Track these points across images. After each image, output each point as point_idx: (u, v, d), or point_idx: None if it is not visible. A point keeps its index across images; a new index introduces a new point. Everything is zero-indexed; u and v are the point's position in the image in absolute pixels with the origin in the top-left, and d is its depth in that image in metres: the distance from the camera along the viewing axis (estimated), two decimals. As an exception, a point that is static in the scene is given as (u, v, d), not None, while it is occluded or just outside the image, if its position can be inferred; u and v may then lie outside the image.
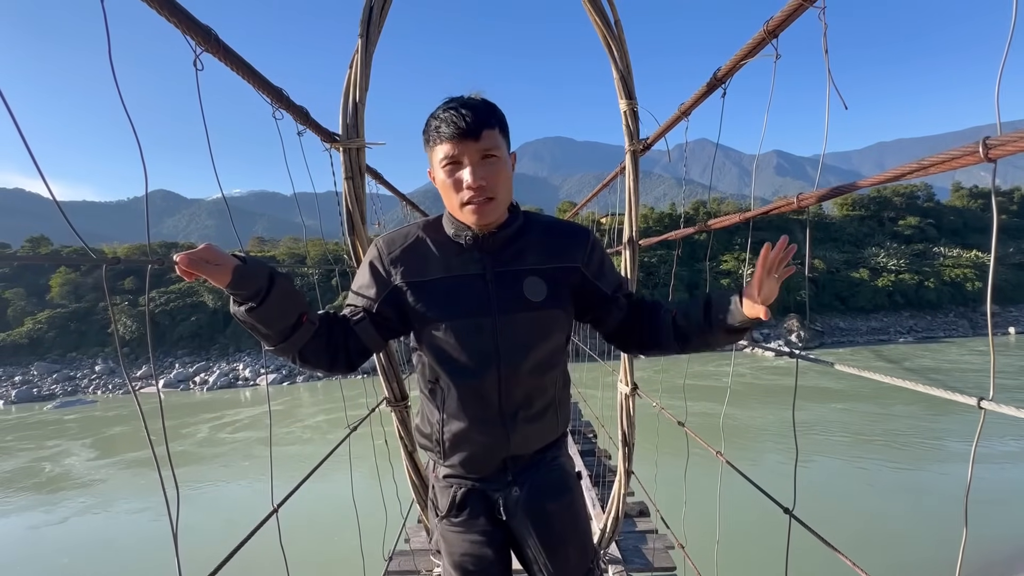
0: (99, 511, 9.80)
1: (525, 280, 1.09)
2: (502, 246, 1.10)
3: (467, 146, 0.99)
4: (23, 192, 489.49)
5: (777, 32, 1.18)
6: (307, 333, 1.00)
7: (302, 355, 1.02)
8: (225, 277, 0.86)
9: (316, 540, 6.13)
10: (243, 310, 0.91)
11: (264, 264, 0.93)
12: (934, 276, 29.97)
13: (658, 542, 2.67)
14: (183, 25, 0.94)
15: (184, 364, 25.55)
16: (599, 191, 3.51)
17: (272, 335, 0.95)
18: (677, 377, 11.38)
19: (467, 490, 1.18)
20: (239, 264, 0.88)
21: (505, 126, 1.06)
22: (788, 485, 1.24)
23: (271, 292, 0.91)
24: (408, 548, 2.58)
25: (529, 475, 1.18)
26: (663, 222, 30.53)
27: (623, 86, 2.07)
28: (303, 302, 0.99)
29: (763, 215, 1.32)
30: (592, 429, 5.56)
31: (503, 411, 1.11)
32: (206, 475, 11.13)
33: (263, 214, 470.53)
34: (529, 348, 1.09)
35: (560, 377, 1.19)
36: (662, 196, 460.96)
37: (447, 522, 1.20)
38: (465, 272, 1.09)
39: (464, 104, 1.01)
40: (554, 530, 1.18)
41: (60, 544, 8.44)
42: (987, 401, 0.66)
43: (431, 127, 1.03)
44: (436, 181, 1.07)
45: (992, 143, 0.65)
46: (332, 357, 1.07)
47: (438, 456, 1.19)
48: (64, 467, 12.79)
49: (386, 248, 1.12)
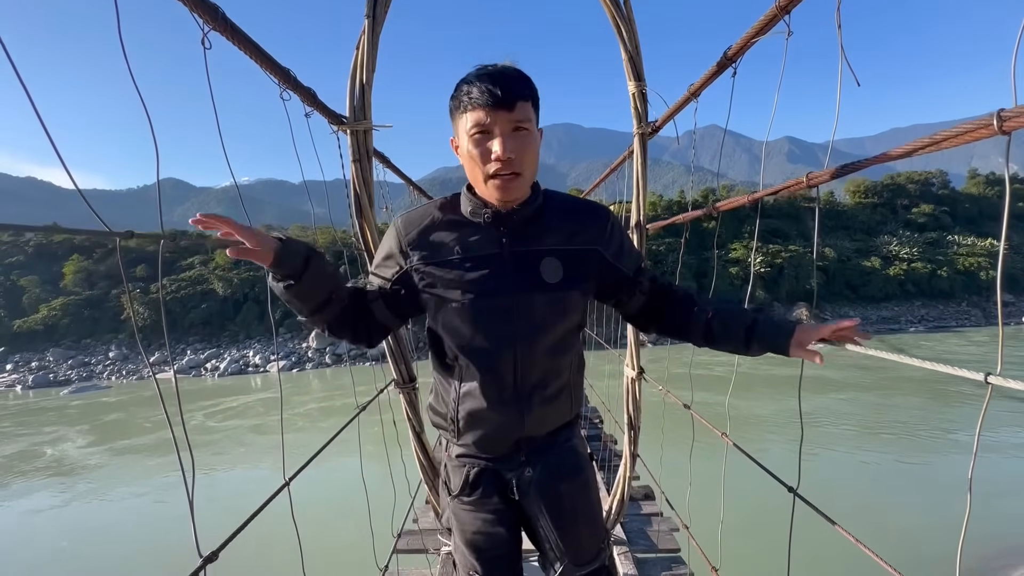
0: (99, 495, 9.96)
1: (543, 260, 1.08)
2: (521, 225, 1.08)
3: (499, 115, 0.96)
4: (35, 180, 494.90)
5: (789, 8, 1.16)
6: (336, 308, 1.06)
7: (330, 327, 1.08)
8: (268, 258, 0.92)
9: (326, 519, 6.24)
10: (281, 287, 0.97)
11: (301, 243, 0.98)
12: (947, 265, 29.57)
13: (663, 524, 2.70)
14: (191, 3, 0.94)
15: (196, 351, 25.91)
16: (607, 175, 3.49)
17: (304, 308, 1.02)
18: (679, 367, 11.37)
19: (480, 469, 1.18)
20: (279, 245, 0.93)
21: (537, 99, 1.03)
22: (791, 470, 1.25)
23: (307, 271, 0.97)
24: (416, 528, 2.63)
25: (542, 456, 1.18)
26: (671, 209, 30.27)
27: (632, 67, 2.04)
28: (336, 279, 1.05)
29: (772, 195, 1.31)
30: (599, 415, 5.59)
31: (518, 391, 1.11)
32: (215, 460, 11.33)
33: (271, 202, 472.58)
34: (545, 329, 1.09)
35: (575, 360, 1.19)
36: (671, 183, 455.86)
37: (459, 501, 1.20)
38: (483, 252, 1.07)
39: (500, 72, 0.98)
40: (566, 510, 1.18)
41: (60, 528, 8.62)
42: (994, 376, 0.66)
43: (462, 92, 0.99)
44: (460, 151, 1.04)
45: (1007, 115, 0.64)
46: (354, 331, 1.12)
47: (452, 435, 1.19)
48: (60, 451, 13.03)
49: (404, 228, 1.11)
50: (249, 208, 1.62)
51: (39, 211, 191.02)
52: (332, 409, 15.15)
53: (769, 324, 1.07)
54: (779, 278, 27.30)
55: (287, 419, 14.13)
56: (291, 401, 16.71)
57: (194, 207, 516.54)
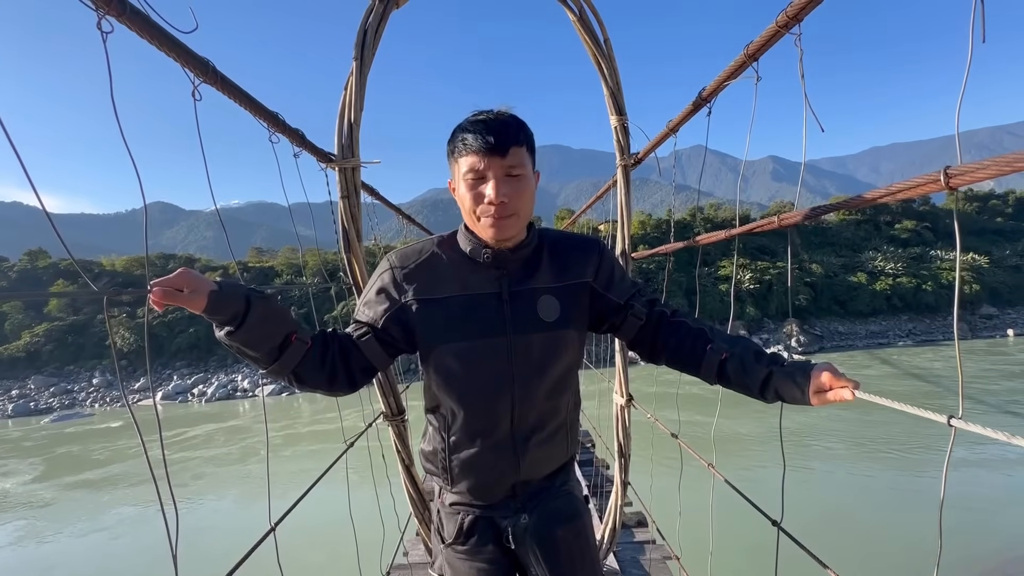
0: (47, 533, 9.41)
1: (540, 299, 1.08)
2: (520, 265, 1.09)
3: (493, 161, 0.98)
4: (20, 205, 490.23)
5: (757, 56, 1.22)
6: (297, 353, 0.98)
7: (297, 376, 1.00)
8: (200, 303, 0.85)
9: (313, 554, 6.09)
10: (223, 334, 0.90)
11: (241, 286, 0.91)
12: (932, 279, 30.08)
13: (655, 552, 2.68)
14: (181, 59, 0.97)
15: (182, 376, 25.45)
16: (592, 203, 3.55)
17: (259, 357, 0.94)
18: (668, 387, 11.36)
19: (475, 517, 1.16)
20: (214, 290, 0.87)
21: (532, 144, 1.05)
22: (778, 495, 1.26)
23: (248, 314, 0.89)
24: (407, 562, 2.58)
25: (538, 501, 1.16)
26: (660, 228, 30.63)
27: (613, 102, 2.11)
28: (290, 321, 0.97)
29: (748, 232, 1.35)
30: (590, 438, 5.56)
31: (514, 435, 1.09)
32: (200, 491, 11.01)
33: (261, 224, 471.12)
34: (544, 369, 1.08)
35: (572, 398, 1.18)
36: (659, 203, 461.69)
37: (453, 549, 1.18)
38: (481, 290, 1.06)
39: (494, 118, 1.00)
40: (563, 557, 1.16)
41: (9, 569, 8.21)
42: (956, 419, 0.69)
43: (457, 138, 1.01)
44: (456, 193, 1.05)
45: (952, 172, 0.68)
46: (331, 376, 1.04)
47: (445, 482, 1.17)
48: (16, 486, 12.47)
49: (399, 263, 1.09)
50: (239, 231, 1.64)
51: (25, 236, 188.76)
52: (324, 434, 14.89)
53: (787, 375, 0.98)
54: (768, 294, 27.61)
55: (273, 446, 13.83)
56: (275, 426, 16.40)
57: (183, 230, 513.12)
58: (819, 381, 0.92)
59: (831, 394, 0.90)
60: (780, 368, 0.99)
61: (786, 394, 0.97)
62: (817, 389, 0.92)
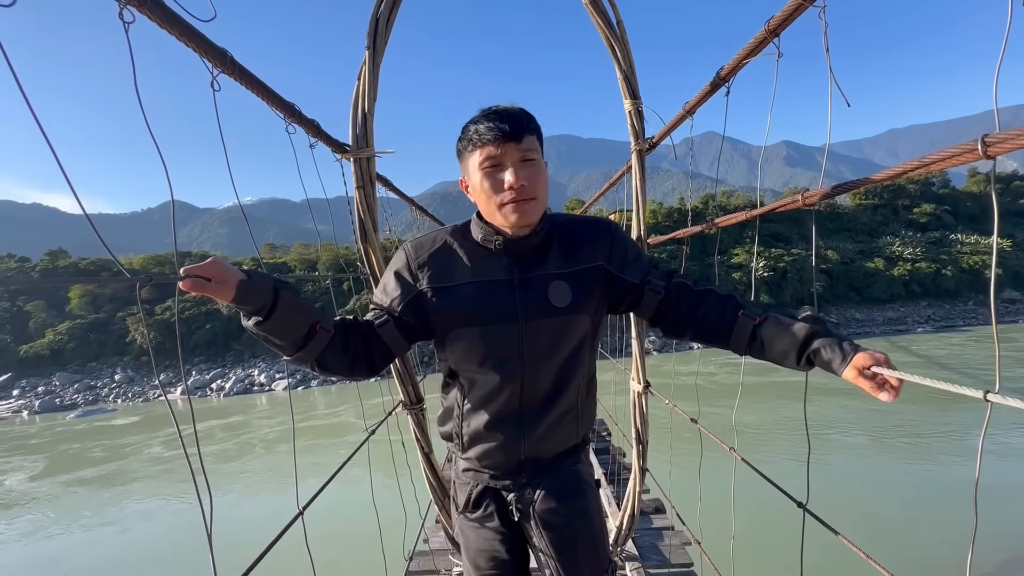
0: (61, 527, 9.76)
1: (550, 285, 1.09)
2: (530, 251, 1.10)
3: (508, 148, 1.00)
4: (40, 207, 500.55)
5: (778, 31, 1.19)
6: (322, 341, 1.01)
7: (320, 363, 1.03)
8: (228, 293, 0.87)
9: (337, 542, 6.20)
10: (251, 324, 0.93)
11: (269, 277, 0.93)
12: (952, 264, 29.44)
13: (674, 539, 2.68)
14: (200, 49, 0.97)
15: (201, 371, 25.94)
16: (606, 190, 3.52)
17: (286, 346, 0.97)
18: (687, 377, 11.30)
19: (484, 487, 1.21)
20: (243, 279, 0.88)
21: (541, 134, 1.07)
22: (801, 481, 1.25)
23: (277, 305, 0.91)
24: (428, 548, 2.62)
25: (544, 478, 1.19)
26: (672, 217, 30.35)
27: (627, 86, 2.08)
28: (313, 311, 1.00)
29: (769, 212, 1.33)
30: (606, 427, 5.57)
31: (522, 415, 1.13)
32: (227, 481, 11.28)
33: (274, 221, 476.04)
34: (553, 354, 1.10)
35: (583, 383, 1.18)
36: (671, 191, 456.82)
37: (465, 516, 1.24)
38: (493, 277, 1.09)
39: (504, 109, 1.03)
40: (565, 535, 1.17)
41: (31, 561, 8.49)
42: (993, 394, 0.67)
43: (470, 131, 1.02)
44: (471, 187, 1.06)
45: (991, 140, 0.66)
46: (351, 363, 1.07)
47: (458, 448, 1.22)
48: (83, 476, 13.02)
49: (414, 252, 1.12)
50: (253, 227, 1.65)
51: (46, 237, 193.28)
52: (340, 426, 15.11)
53: (827, 345, 0.92)
54: (783, 282, 27.26)
55: (289, 438, 14.07)
56: (297, 418, 16.68)
57: (198, 228, 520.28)
58: (868, 360, 0.85)
59: (869, 384, 0.84)
60: (825, 330, 0.94)
61: (825, 355, 0.91)
62: (862, 366, 0.86)
